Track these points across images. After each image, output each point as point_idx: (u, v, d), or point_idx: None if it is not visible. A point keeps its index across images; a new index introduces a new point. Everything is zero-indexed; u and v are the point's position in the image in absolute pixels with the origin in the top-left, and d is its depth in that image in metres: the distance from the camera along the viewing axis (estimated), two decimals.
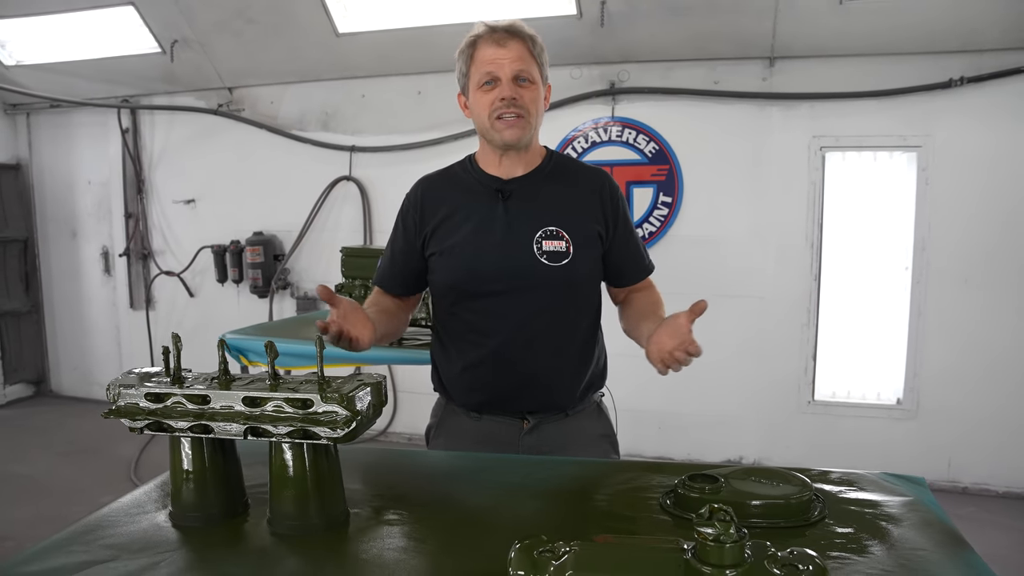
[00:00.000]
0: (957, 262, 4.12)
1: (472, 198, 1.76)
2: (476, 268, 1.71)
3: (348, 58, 4.92)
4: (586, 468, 1.55)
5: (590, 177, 1.82)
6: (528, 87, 1.68)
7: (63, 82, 5.52)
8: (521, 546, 0.90)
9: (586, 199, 1.77)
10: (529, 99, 1.68)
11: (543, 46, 1.73)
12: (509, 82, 1.66)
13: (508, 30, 1.68)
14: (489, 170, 1.77)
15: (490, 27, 1.69)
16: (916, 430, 4.25)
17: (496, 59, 1.66)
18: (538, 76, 1.71)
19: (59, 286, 6.31)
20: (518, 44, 1.67)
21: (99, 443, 4.95)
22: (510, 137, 1.69)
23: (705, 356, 1.71)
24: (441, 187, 1.81)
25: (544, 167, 1.79)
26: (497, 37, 1.67)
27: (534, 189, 1.75)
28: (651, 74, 4.50)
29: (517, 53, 1.67)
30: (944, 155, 4.07)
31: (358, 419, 1.13)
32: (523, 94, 1.67)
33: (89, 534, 1.19)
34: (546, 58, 1.74)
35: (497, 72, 1.66)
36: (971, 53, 3.94)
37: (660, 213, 4.55)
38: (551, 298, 1.71)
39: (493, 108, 1.67)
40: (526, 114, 1.68)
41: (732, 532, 0.83)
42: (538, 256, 1.69)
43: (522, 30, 1.69)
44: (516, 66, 1.66)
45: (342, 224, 5.27)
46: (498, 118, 1.68)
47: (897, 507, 1.24)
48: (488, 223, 1.72)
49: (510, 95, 1.66)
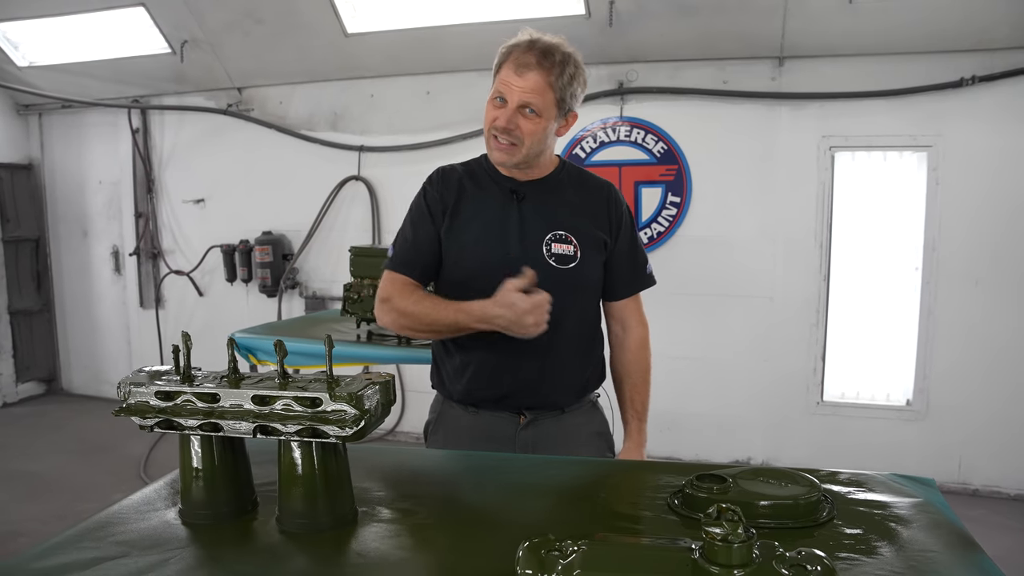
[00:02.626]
0: (968, 262, 4.09)
1: (487, 195, 1.79)
2: (486, 265, 1.73)
3: (357, 58, 4.93)
4: (593, 467, 1.55)
5: (599, 187, 1.87)
6: (531, 119, 1.68)
7: (75, 83, 5.56)
8: (529, 545, 0.90)
9: (594, 207, 1.82)
10: (527, 131, 1.69)
11: (575, 78, 1.70)
12: (513, 110, 1.67)
13: (540, 54, 1.66)
14: (504, 171, 1.80)
15: (525, 46, 1.68)
16: (926, 431, 4.23)
17: (510, 83, 1.67)
18: (551, 110, 1.69)
19: (70, 285, 6.35)
20: (538, 75, 1.66)
21: (110, 441, 4.98)
22: (496, 159, 1.75)
23: (714, 356, 1.73)
24: (460, 175, 1.84)
25: (557, 174, 1.83)
26: (523, 61, 1.66)
27: (547, 193, 1.79)
28: (660, 74, 4.49)
29: (532, 84, 1.66)
30: (955, 155, 4.05)
31: (367, 418, 1.13)
32: (523, 125, 1.68)
33: (100, 531, 1.19)
34: (577, 91, 1.72)
35: (507, 95, 1.68)
36: (982, 52, 3.91)
37: (668, 213, 4.54)
38: (557, 300, 1.72)
39: (492, 125, 1.71)
40: (519, 143, 1.70)
41: (740, 532, 0.82)
42: (547, 258, 1.73)
43: (551, 57, 1.67)
44: (525, 97, 1.67)
45: (351, 224, 5.28)
46: (493, 136, 1.72)
47: (906, 508, 1.23)
48: (502, 222, 1.75)
49: (505, 125, 1.67)
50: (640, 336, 1.93)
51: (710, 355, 4.53)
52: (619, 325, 1.94)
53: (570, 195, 1.81)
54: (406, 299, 1.73)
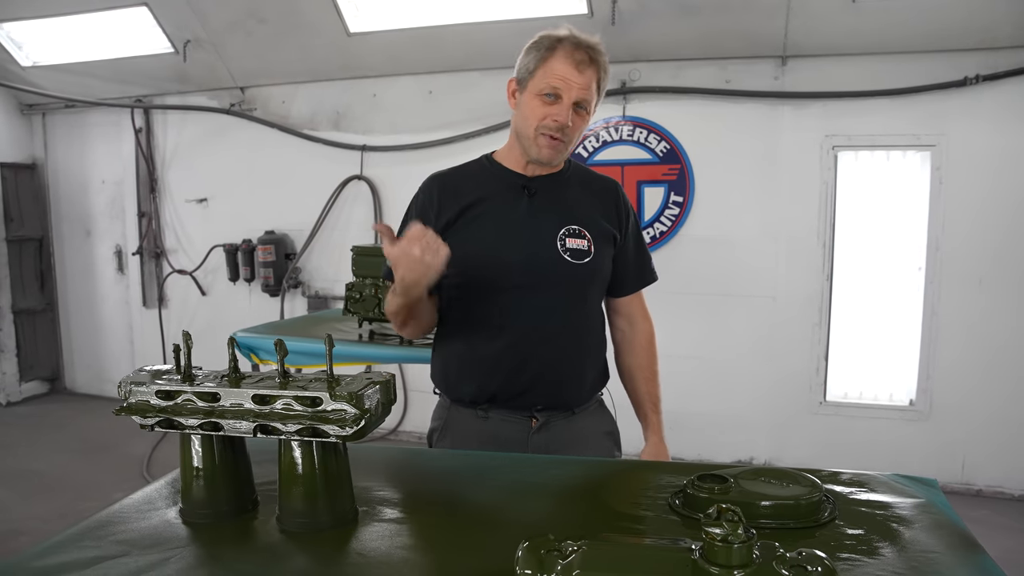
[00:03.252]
0: (971, 262, 4.08)
1: (495, 193, 1.76)
2: (501, 261, 1.71)
3: (359, 58, 4.93)
4: (594, 467, 1.54)
5: (606, 184, 1.88)
6: (582, 116, 1.70)
7: (78, 82, 5.57)
8: (528, 545, 0.90)
9: (603, 203, 1.82)
10: (577, 128, 1.70)
11: (609, 77, 1.73)
12: (570, 107, 1.66)
13: (591, 53, 1.67)
14: (512, 167, 1.79)
15: (576, 40, 1.67)
16: (929, 431, 4.22)
17: (568, 79, 1.65)
18: (594, 106, 1.72)
19: (73, 284, 6.37)
20: (593, 72, 1.67)
21: (112, 440, 4.99)
22: (547, 156, 1.71)
23: (716, 356, 1.73)
24: (459, 180, 1.81)
25: (565, 171, 1.83)
26: (579, 57, 1.66)
27: (558, 189, 1.78)
28: (662, 73, 4.48)
29: (588, 81, 1.66)
30: (958, 154, 4.04)
31: (367, 417, 1.13)
32: (576, 122, 1.69)
33: (100, 530, 1.19)
34: (606, 87, 1.74)
35: (563, 91, 1.65)
36: (986, 51, 3.90)
37: (671, 213, 4.53)
38: (570, 295, 1.73)
39: (542, 123, 1.67)
40: (568, 140, 1.70)
41: (740, 532, 0.82)
42: (562, 253, 1.72)
43: (601, 57, 1.69)
44: (583, 95, 1.66)
45: (353, 223, 5.28)
46: (542, 134, 1.68)
47: (908, 509, 1.23)
48: (513, 218, 1.74)
49: (565, 121, 1.66)
50: (648, 331, 1.93)
51: (712, 355, 4.53)
52: (625, 321, 1.92)
53: (579, 191, 1.81)
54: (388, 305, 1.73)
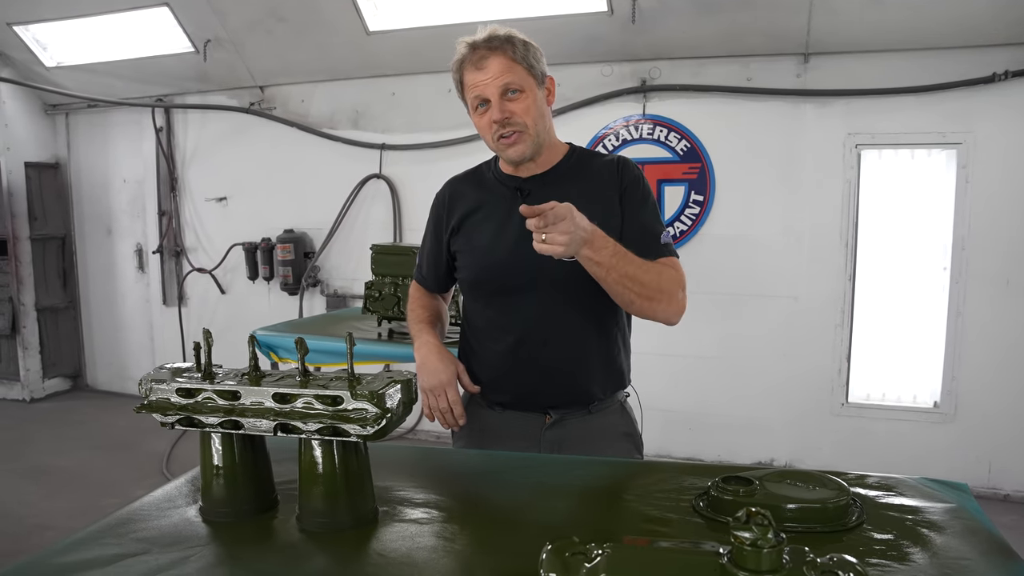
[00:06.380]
0: (998, 262, 4.01)
1: (493, 197, 1.80)
2: (495, 264, 1.75)
3: (378, 56, 4.94)
4: (617, 468, 1.53)
5: (607, 166, 1.79)
6: (518, 98, 1.67)
7: (100, 82, 5.63)
8: (553, 547, 0.89)
9: (604, 192, 1.74)
10: (522, 110, 1.67)
11: (528, 44, 1.70)
12: (498, 101, 1.66)
13: (487, 44, 1.66)
14: (508, 171, 1.81)
15: (470, 46, 1.69)
16: (954, 434, 4.15)
17: (478, 83, 1.66)
18: (529, 80, 1.68)
19: (95, 282, 6.44)
20: (498, 59, 1.65)
21: (133, 437, 5.04)
22: (514, 155, 1.71)
23: (737, 356, 1.69)
24: (466, 186, 1.87)
25: (563, 164, 1.80)
26: (476, 58, 1.66)
27: (552, 186, 1.74)
28: (683, 71, 4.45)
29: (498, 69, 1.65)
30: (985, 152, 3.97)
31: (388, 416, 1.12)
32: (514, 108, 1.67)
33: (121, 527, 1.19)
34: (537, 54, 1.71)
35: (484, 94, 1.66)
36: (1015, 46, 3.83)
37: (691, 212, 4.50)
38: (568, 293, 1.71)
39: (492, 131, 1.69)
40: (523, 128, 1.68)
41: (770, 537, 0.80)
42: None
43: (499, 37, 1.67)
44: (500, 82, 1.65)
45: (372, 222, 5.29)
46: (496, 139, 1.70)
47: (939, 514, 1.20)
48: (507, 220, 1.73)
49: (500, 117, 1.66)
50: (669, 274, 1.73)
51: (733, 355, 4.48)
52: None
53: (578, 184, 1.75)
54: (411, 310, 1.96)
